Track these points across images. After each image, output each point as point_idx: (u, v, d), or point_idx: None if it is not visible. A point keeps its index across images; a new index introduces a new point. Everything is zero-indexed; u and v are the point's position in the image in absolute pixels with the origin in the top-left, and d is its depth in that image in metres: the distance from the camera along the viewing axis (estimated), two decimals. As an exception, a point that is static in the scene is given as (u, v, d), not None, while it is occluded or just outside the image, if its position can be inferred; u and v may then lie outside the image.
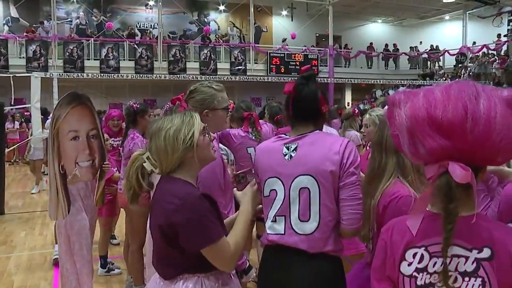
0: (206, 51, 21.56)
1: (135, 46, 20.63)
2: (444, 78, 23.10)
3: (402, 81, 22.96)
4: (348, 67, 25.22)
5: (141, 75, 19.68)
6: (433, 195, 1.44)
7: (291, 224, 2.10)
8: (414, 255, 1.46)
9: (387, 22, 28.97)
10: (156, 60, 20.76)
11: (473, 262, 1.39)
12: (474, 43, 23.84)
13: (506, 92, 1.40)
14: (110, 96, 21.15)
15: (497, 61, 21.23)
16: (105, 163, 3.98)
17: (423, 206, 1.48)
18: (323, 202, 2.06)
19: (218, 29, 24.38)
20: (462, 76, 21.93)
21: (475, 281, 1.39)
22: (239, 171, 4.02)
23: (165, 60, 20.89)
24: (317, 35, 26.32)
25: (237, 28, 24.18)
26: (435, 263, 1.43)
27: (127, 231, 4.72)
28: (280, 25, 24.40)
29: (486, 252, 1.39)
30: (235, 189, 2.46)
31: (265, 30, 24.53)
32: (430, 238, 1.45)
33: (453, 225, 1.38)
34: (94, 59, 20.14)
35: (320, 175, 2.07)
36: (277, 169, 2.16)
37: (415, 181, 2.08)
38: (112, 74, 19.03)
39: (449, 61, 25.27)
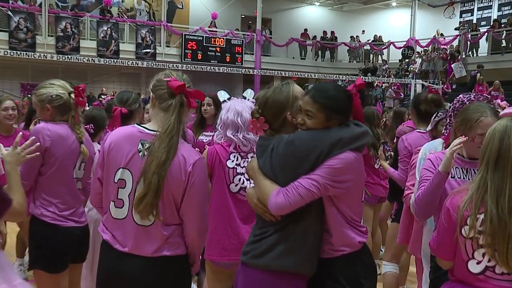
0: (106, 28, 19.61)
1: (9, 13, 17.83)
2: (387, 75, 21.72)
3: (341, 75, 21.30)
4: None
5: (18, 52, 16.63)
6: None
7: None
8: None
9: (325, 5, 27.49)
10: (39, 35, 18.39)
11: None
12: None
13: None
14: (-27, 77, 18.52)
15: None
16: None
17: None
18: None
19: (122, 2, 21.82)
20: (409, 73, 20.76)
21: None
22: None
23: (51, 36, 18.61)
24: (243, 16, 24.98)
25: (146, 2, 21.90)
26: None
27: None
28: (199, 2, 22.46)
29: None
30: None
31: (181, 7, 22.99)
32: None
33: None
34: (-51, 27, 17.43)
35: None
36: None
37: None
38: (-23, 49, 16.75)
39: (395, 55, 23.94)
